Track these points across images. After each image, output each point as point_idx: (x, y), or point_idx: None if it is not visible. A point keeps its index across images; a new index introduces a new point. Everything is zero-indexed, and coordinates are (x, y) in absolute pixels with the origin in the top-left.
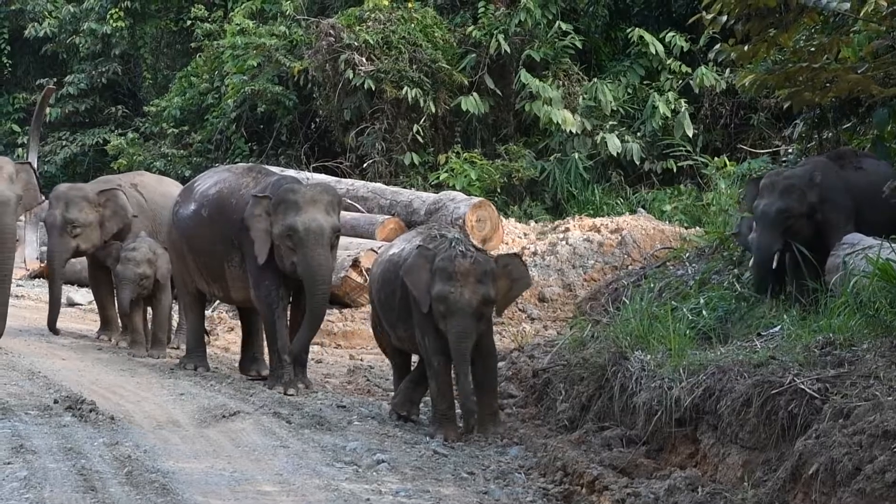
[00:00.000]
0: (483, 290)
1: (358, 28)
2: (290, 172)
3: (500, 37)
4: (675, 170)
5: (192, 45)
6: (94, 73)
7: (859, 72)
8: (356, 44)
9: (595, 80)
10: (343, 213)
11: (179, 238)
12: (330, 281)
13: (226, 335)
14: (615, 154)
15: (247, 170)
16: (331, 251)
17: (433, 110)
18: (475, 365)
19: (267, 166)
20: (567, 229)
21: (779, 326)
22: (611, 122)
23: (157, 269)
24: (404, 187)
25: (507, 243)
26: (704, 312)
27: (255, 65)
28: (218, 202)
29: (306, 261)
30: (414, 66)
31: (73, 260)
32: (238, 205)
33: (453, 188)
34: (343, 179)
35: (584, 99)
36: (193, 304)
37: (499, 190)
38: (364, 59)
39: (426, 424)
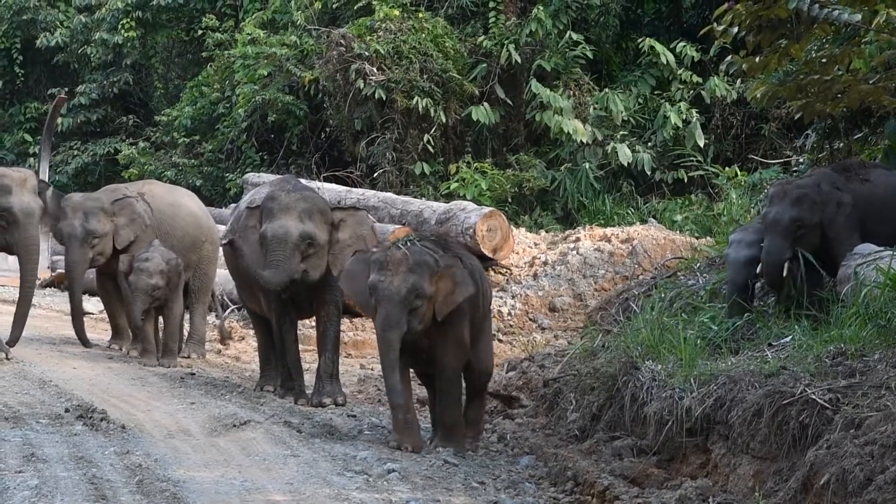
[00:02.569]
0: (413, 280)
1: (369, 38)
2: (302, 182)
3: (511, 47)
4: (685, 180)
5: (203, 54)
6: (105, 82)
7: (871, 82)
8: (367, 53)
9: (606, 89)
10: None
11: (226, 258)
12: (279, 286)
13: (236, 344)
14: (626, 164)
15: (278, 181)
16: (307, 259)
17: (444, 120)
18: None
19: (297, 177)
20: (578, 239)
21: (790, 337)
22: (622, 132)
23: (169, 280)
24: (415, 197)
25: (517, 253)
26: (715, 323)
27: (266, 74)
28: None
29: (267, 264)
30: (424, 76)
31: None
32: None
33: (464, 198)
34: (354, 189)
35: (594, 109)
36: (254, 324)
37: (509, 200)
38: (375, 69)
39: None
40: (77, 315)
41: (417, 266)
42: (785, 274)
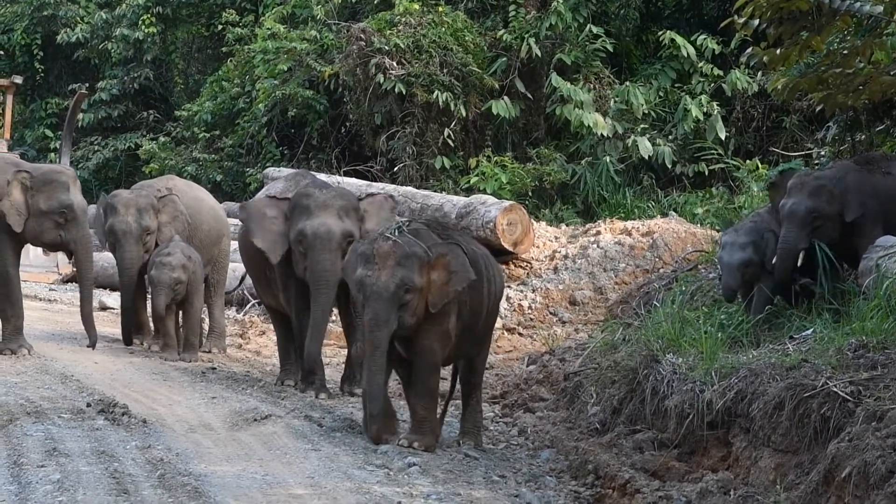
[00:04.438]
0: (402, 274)
1: (388, 32)
2: (322, 176)
3: (531, 40)
4: (706, 173)
5: (224, 49)
6: (125, 78)
7: (892, 74)
8: (387, 48)
9: (626, 83)
10: None
11: (241, 253)
12: (334, 287)
13: (257, 339)
14: (646, 157)
15: (292, 175)
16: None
17: (464, 114)
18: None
19: (313, 173)
20: (598, 232)
21: (811, 329)
22: (642, 126)
23: (190, 274)
24: (435, 191)
25: (537, 246)
26: (734, 318)
27: (286, 69)
28: None
29: (312, 265)
30: (444, 70)
31: (105, 264)
32: None
33: (484, 192)
34: (374, 183)
35: (615, 102)
36: (272, 319)
37: (530, 193)
38: (395, 63)
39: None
40: (127, 314)
41: (406, 258)
42: (799, 264)
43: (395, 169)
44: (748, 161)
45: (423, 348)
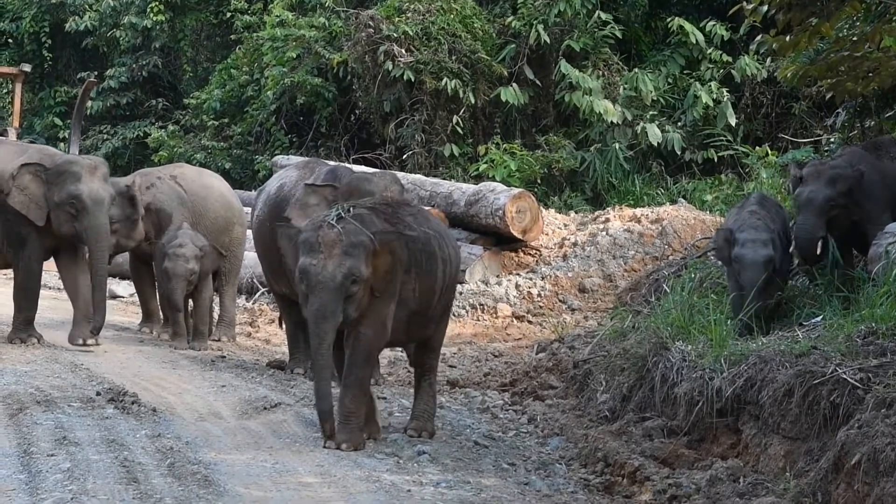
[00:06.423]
0: (350, 264)
1: (397, 19)
2: (331, 164)
3: (540, 27)
4: (715, 159)
5: (232, 37)
6: (134, 66)
7: None
8: (395, 35)
9: (635, 69)
10: None
11: (255, 241)
12: None
13: (266, 327)
14: (656, 144)
15: (304, 163)
16: None
17: (473, 101)
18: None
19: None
20: (607, 220)
21: (821, 316)
22: (651, 112)
23: (202, 263)
24: (444, 178)
25: (546, 234)
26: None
27: (295, 57)
28: (277, 199)
29: None
30: (453, 57)
31: None
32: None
33: (493, 179)
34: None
35: (624, 89)
36: (282, 307)
37: (539, 181)
38: (403, 51)
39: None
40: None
41: (353, 247)
42: (818, 252)
43: (404, 156)
44: (757, 147)
45: (360, 337)
